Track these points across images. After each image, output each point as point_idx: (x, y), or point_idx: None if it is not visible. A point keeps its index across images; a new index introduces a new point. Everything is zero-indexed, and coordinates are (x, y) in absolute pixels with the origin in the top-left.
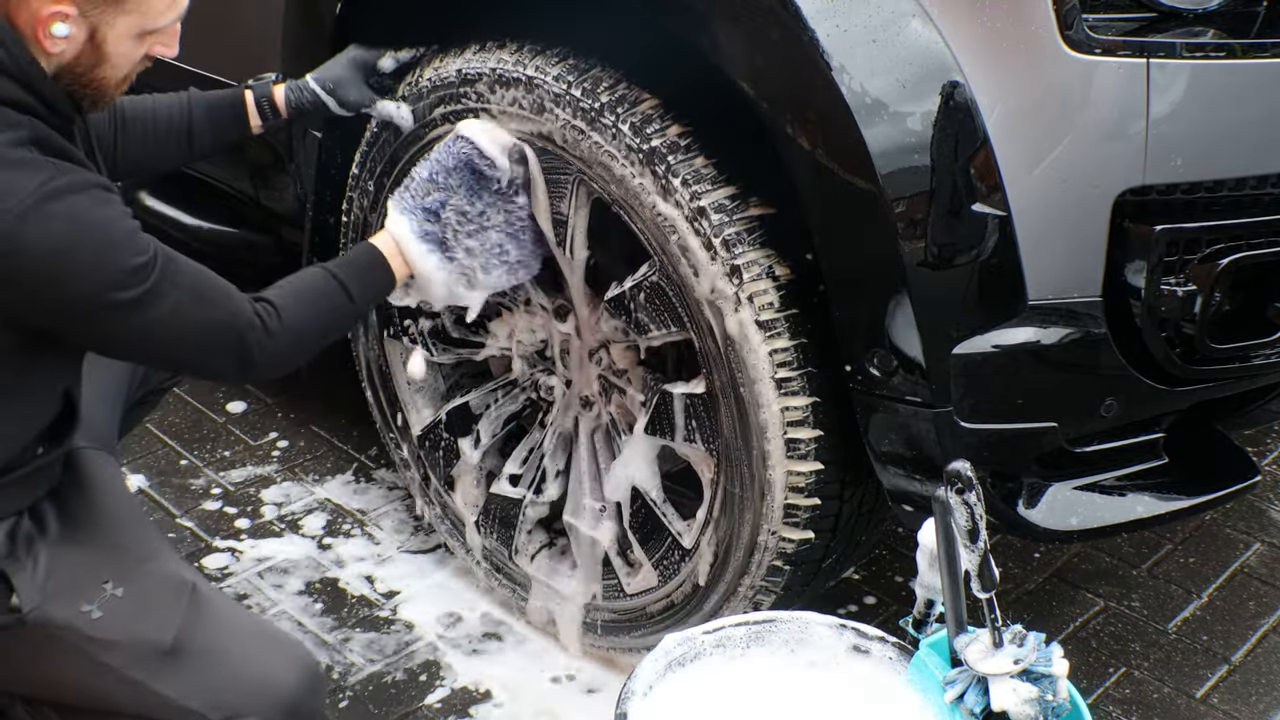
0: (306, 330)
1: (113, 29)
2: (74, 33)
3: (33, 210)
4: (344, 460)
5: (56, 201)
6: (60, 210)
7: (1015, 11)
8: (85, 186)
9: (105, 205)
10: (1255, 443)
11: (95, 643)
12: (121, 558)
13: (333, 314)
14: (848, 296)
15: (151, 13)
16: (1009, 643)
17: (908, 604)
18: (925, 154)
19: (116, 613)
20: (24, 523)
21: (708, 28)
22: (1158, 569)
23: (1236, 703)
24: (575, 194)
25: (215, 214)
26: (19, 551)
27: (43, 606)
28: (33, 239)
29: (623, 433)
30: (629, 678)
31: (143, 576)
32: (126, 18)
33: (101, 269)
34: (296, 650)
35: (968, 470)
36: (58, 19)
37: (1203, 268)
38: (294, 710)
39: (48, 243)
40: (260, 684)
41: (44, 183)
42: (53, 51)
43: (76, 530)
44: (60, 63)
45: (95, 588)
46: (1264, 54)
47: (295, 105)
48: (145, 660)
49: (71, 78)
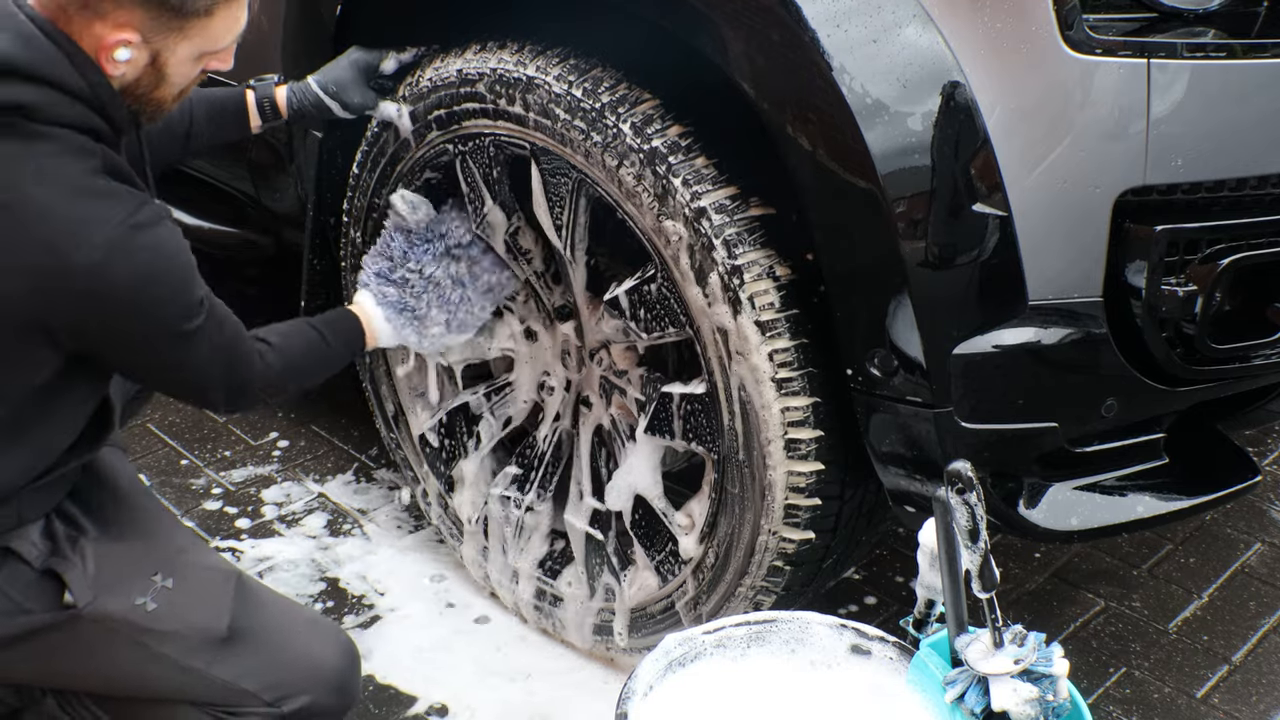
0: (297, 370)
1: (174, 54)
2: (136, 57)
3: (120, 242)
4: (344, 460)
5: (142, 233)
6: (146, 242)
7: (1016, 11)
8: (163, 218)
9: (178, 236)
10: (1256, 443)
11: (152, 634)
12: (162, 549)
13: (320, 361)
14: (848, 297)
15: (212, 37)
16: (1009, 643)
17: (908, 604)
18: (926, 154)
19: (171, 603)
20: (55, 522)
21: (708, 28)
22: (1158, 569)
23: (1237, 703)
24: (576, 194)
25: (216, 214)
26: (64, 549)
27: (97, 602)
28: (121, 270)
29: (625, 438)
30: (629, 678)
31: (188, 567)
32: (188, 43)
33: (177, 300)
34: (335, 631)
35: (968, 470)
36: (122, 45)
37: (1203, 268)
38: (341, 687)
39: (135, 274)
40: (309, 664)
41: (130, 213)
42: (114, 74)
43: (110, 526)
44: (121, 84)
45: (145, 580)
46: (1264, 54)
47: (296, 107)
48: (203, 648)
49: (131, 98)
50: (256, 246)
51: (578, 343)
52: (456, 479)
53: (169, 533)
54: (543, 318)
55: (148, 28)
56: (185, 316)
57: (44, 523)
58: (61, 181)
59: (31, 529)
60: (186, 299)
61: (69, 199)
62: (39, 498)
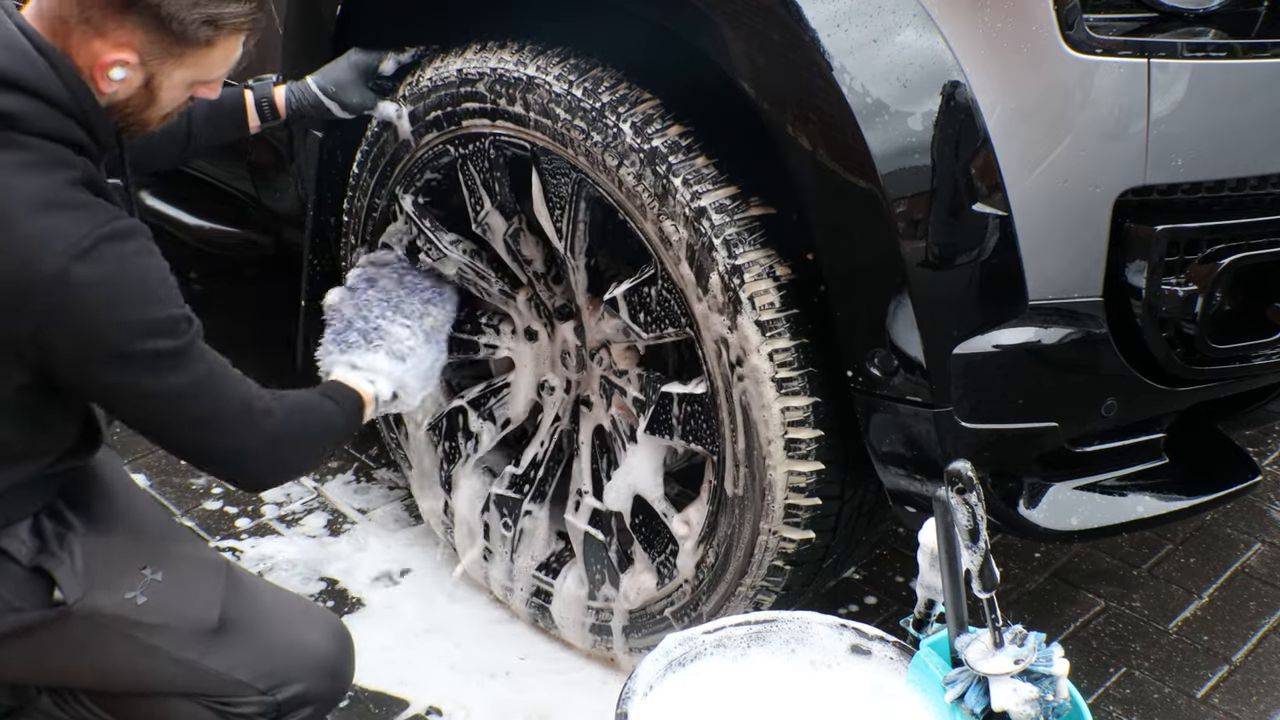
0: (300, 436)
1: (169, 79)
2: (130, 77)
3: (86, 253)
4: (344, 459)
5: (110, 245)
6: (111, 254)
7: (1016, 11)
8: (135, 233)
9: (150, 254)
10: (1256, 443)
11: (143, 627)
12: (150, 543)
13: (323, 428)
14: (848, 296)
15: (208, 66)
16: (1010, 643)
17: (908, 604)
18: (926, 154)
19: (161, 596)
20: (44, 520)
21: (709, 28)
22: (1158, 569)
23: (1237, 703)
24: (576, 195)
25: (216, 213)
26: (51, 546)
27: (87, 597)
28: (82, 279)
29: (625, 439)
30: (629, 678)
31: (177, 559)
32: (184, 70)
33: (143, 312)
34: (328, 617)
35: (968, 470)
36: (118, 65)
37: (1203, 268)
38: (334, 673)
39: (95, 283)
40: (302, 651)
41: (99, 225)
42: (106, 91)
43: (98, 521)
44: (111, 101)
45: (134, 574)
46: (1265, 54)
47: (295, 108)
48: (195, 639)
49: (119, 115)
50: (257, 246)
51: (578, 343)
52: (455, 479)
53: (157, 526)
54: (543, 318)
55: (147, 51)
56: (153, 332)
57: (32, 521)
58: (33, 192)
59: (19, 527)
60: (155, 314)
61: (37, 210)
62: (26, 500)
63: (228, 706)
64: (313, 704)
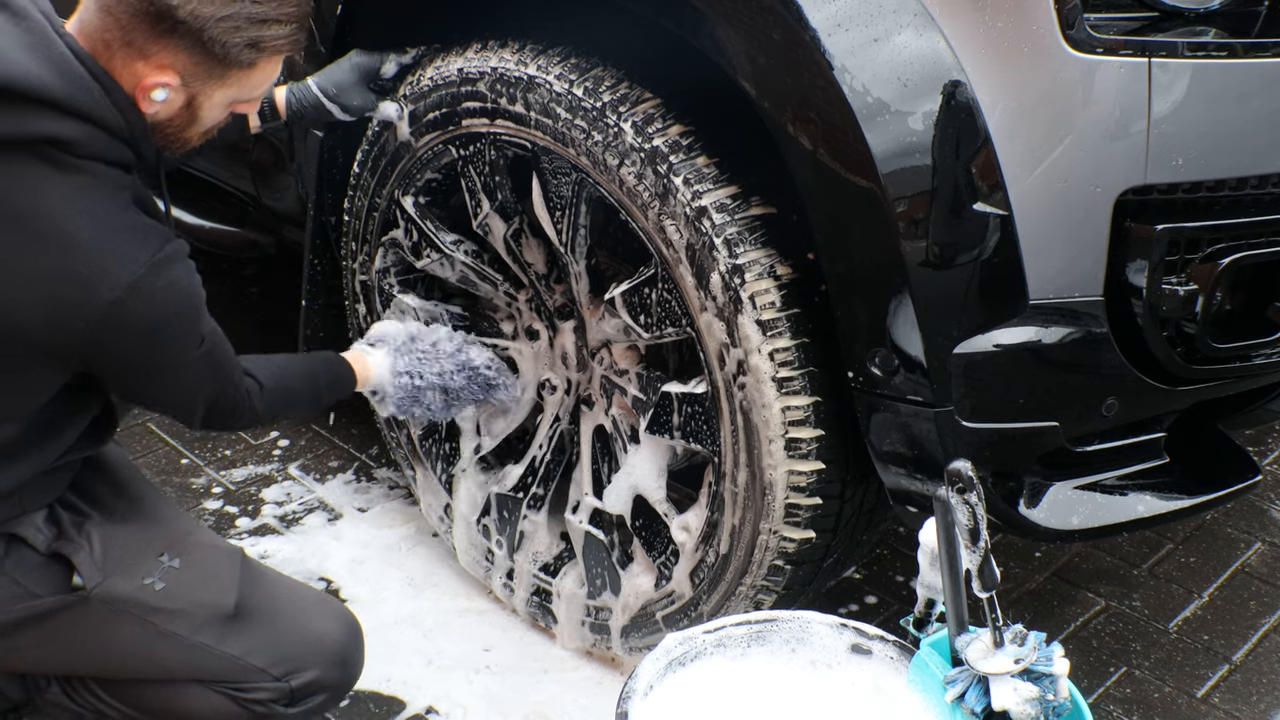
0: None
1: (210, 99)
2: (172, 98)
3: (142, 281)
4: (345, 459)
5: (163, 272)
6: (165, 282)
7: (1017, 11)
8: (182, 255)
9: (193, 275)
10: (1256, 442)
11: (161, 613)
12: (166, 530)
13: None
14: (849, 296)
15: (249, 86)
16: (1010, 642)
17: (909, 603)
18: (927, 153)
19: (178, 583)
20: (59, 509)
21: (709, 27)
22: (1158, 568)
23: (1237, 702)
24: (577, 194)
25: (217, 213)
26: (70, 533)
27: (105, 583)
28: (139, 308)
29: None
30: (629, 678)
31: (193, 547)
32: (225, 90)
33: (189, 334)
34: (339, 607)
35: (969, 470)
36: (160, 87)
37: (1204, 267)
38: (344, 660)
39: (152, 313)
40: (314, 638)
41: (155, 251)
42: (147, 112)
43: (114, 511)
44: (153, 121)
45: (152, 560)
46: (1265, 53)
47: (296, 109)
48: (211, 625)
49: (161, 134)
50: (257, 246)
51: (579, 342)
52: (456, 479)
53: (172, 516)
54: (544, 318)
55: (189, 72)
56: (190, 347)
57: (48, 510)
58: (95, 215)
59: (36, 515)
60: (195, 333)
61: (100, 234)
62: (42, 489)
63: (241, 692)
64: (324, 691)
